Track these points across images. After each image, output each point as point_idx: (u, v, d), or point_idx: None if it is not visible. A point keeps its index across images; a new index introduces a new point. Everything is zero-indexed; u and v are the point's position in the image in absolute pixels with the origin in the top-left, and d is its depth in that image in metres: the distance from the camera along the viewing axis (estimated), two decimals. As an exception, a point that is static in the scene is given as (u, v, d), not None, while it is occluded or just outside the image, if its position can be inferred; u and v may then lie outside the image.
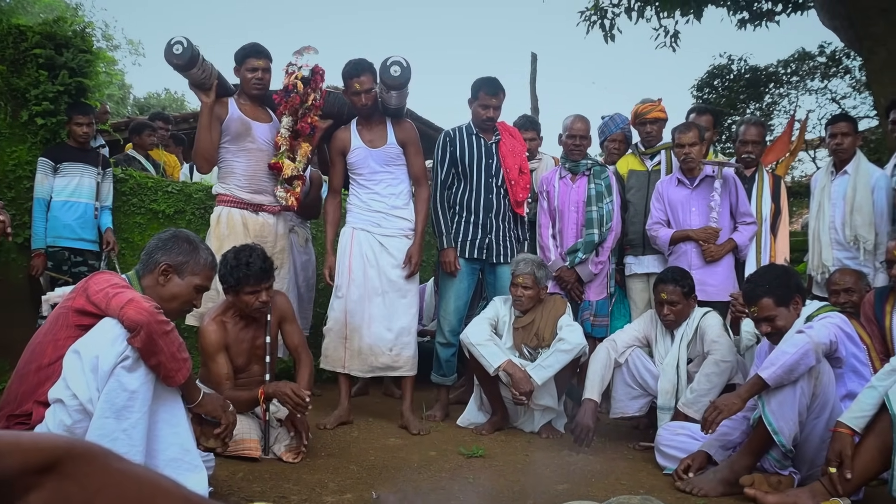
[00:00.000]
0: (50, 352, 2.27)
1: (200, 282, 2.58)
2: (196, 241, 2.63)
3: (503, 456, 3.56)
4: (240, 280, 3.27)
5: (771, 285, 3.16)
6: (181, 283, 2.54)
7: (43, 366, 2.26)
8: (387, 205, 4.19)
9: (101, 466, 0.91)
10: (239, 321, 3.43)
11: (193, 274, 2.56)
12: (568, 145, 4.69)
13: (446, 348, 4.41)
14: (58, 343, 2.26)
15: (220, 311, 3.42)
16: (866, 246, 4.31)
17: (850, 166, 4.47)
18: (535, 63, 12.29)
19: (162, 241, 2.57)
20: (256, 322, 3.47)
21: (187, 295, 2.56)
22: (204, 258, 2.60)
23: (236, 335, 3.41)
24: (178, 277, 2.54)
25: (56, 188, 4.61)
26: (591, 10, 9.37)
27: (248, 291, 3.29)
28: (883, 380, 2.66)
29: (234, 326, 3.41)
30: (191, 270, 2.55)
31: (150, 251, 2.56)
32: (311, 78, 4.03)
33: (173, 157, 6.74)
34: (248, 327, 3.45)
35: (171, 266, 2.53)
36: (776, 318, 3.13)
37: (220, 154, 4.02)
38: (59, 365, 2.21)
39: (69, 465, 0.87)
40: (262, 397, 3.22)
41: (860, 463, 2.62)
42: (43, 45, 4.73)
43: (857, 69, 13.12)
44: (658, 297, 3.91)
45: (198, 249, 2.59)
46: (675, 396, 3.77)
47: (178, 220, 5.15)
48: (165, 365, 2.24)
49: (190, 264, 2.55)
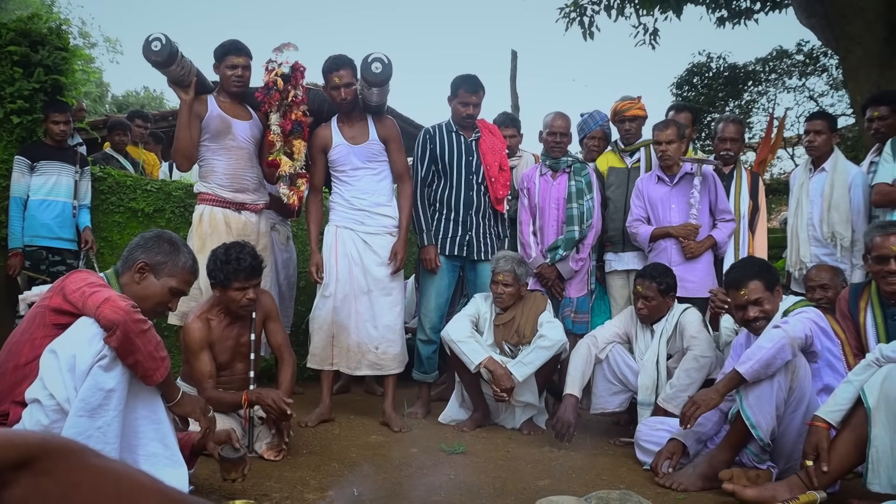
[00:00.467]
0: (27, 351, 2.25)
1: (176, 284, 2.56)
2: (179, 243, 2.61)
3: (484, 452, 3.57)
4: (229, 276, 3.28)
5: (759, 270, 3.25)
6: (156, 283, 2.52)
7: (20, 365, 2.24)
8: (370, 202, 4.18)
9: (77, 462, 0.91)
10: (224, 319, 3.42)
11: (170, 276, 2.54)
12: (549, 142, 4.71)
13: (427, 345, 4.42)
14: (35, 342, 2.24)
15: (205, 309, 3.42)
16: (843, 243, 4.36)
17: (828, 163, 4.52)
18: (516, 60, 12.33)
19: (144, 240, 2.55)
20: (241, 320, 3.47)
21: (161, 296, 2.54)
22: (183, 261, 2.57)
23: (221, 332, 3.41)
24: (153, 277, 2.52)
25: (33, 187, 4.56)
26: (570, 6, 9.39)
27: (236, 287, 3.31)
28: (858, 374, 2.70)
29: (219, 324, 3.41)
30: (168, 272, 2.54)
31: (131, 249, 2.55)
32: (291, 75, 4.02)
33: (152, 155, 6.69)
34: (232, 325, 3.45)
35: (147, 265, 2.51)
36: (764, 301, 3.18)
37: (200, 152, 4.00)
38: (36, 364, 2.19)
39: (44, 461, 0.86)
40: (245, 403, 3.22)
41: (836, 456, 2.65)
42: (17, 42, 4.67)
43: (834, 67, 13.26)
44: (634, 290, 3.96)
45: (178, 252, 2.57)
46: (655, 392, 3.80)
47: (157, 218, 5.11)
48: (143, 364, 2.22)
49: (168, 266, 2.54)
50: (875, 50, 6.26)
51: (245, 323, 3.48)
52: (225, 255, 3.29)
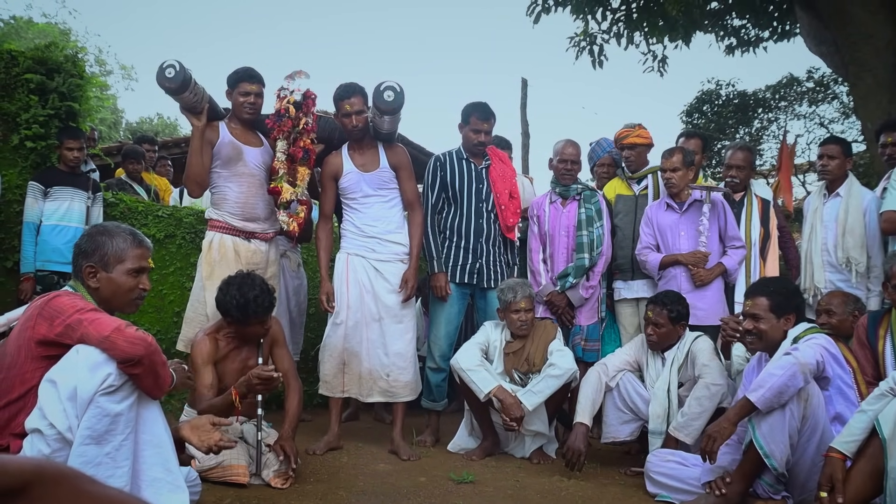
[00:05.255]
0: (18, 386, 2.21)
1: (131, 265, 2.44)
2: (110, 228, 2.49)
3: (493, 482, 3.53)
4: (248, 317, 3.32)
5: (775, 290, 3.24)
6: (111, 276, 2.42)
7: (12, 401, 2.20)
8: (381, 229, 4.19)
9: (72, 489, 0.90)
10: (231, 341, 3.45)
11: (119, 261, 2.43)
12: (559, 170, 4.71)
13: (437, 373, 4.39)
14: (25, 377, 2.20)
15: (214, 329, 3.46)
16: (858, 268, 4.32)
17: (843, 189, 4.50)
18: (526, 88, 12.41)
19: (77, 246, 2.46)
20: (249, 344, 3.49)
21: (126, 284, 2.44)
22: (122, 242, 2.44)
23: (228, 354, 3.44)
24: (105, 272, 2.42)
25: (46, 212, 4.60)
26: (580, 35, 9.44)
27: (255, 323, 3.37)
28: (872, 404, 2.67)
29: (227, 346, 3.45)
30: (115, 260, 2.43)
31: (73, 259, 2.46)
32: (302, 102, 4.05)
33: (164, 180, 6.75)
34: (239, 348, 3.47)
35: (92, 266, 2.41)
36: (762, 320, 3.17)
37: (212, 178, 4.01)
38: (30, 397, 2.16)
39: (39, 488, 0.85)
40: (235, 397, 3.15)
41: (852, 488, 2.61)
42: (34, 69, 4.76)
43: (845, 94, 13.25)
44: (645, 316, 3.95)
45: (113, 235, 2.45)
46: (666, 421, 3.76)
47: (168, 244, 5.14)
48: (161, 375, 2.26)
49: (110, 255, 2.42)
50: (885, 77, 6.25)
51: (252, 347, 3.49)
52: (241, 297, 3.31)
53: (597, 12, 8.73)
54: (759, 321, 3.18)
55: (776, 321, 3.17)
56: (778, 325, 3.18)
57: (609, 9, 8.73)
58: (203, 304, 3.89)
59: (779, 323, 3.18)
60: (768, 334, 3.17)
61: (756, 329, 3.18)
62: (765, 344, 3.20)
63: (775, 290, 3.23)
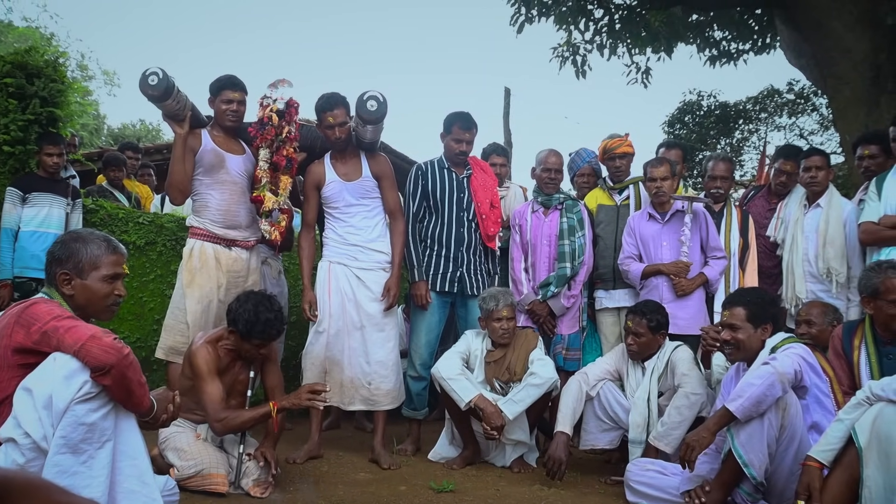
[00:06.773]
0: None
1: (106, 271, 2.41)
2: (84, 235, 2.46)
3: (474, 490, 3.53)
4: (252, 335, 3.32)
5: (751, 300, 3.28)
6: (86, 283, 2.39)
7: None
8: (363, 238, 4.19)
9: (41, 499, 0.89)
10: (227, 353, 3.44)
11: (94, 268, 2.39)
12: (542, 178, 4.73)
13: (417, 382, 4.39)
14: (1, 386, 2.17)
15: (212, 339, 3.43)
16: (839, 279, 4.36)
17: (823, 199, 4.54)
18: (509, 97, 12.44)
19: (50, 253, 2.43)
20: (242, 359, 3.48)
21: (101, 290, 2.40)
22: (96, 249, 2.41)
23: (224, 367, 3.43)
24: (79, 279, 2.38)
25: (24, 218, 4.57)
26: (563, 46, 9.51)
27: (255, 344, 3.35)
28: (849, 413, 2.69)
29: (224, 357, 3.43)
30: (89, 265, 2.39)
31: (46, 266, 2.42)
32: (285, 111, 4.04)
33: (146, 187, 6.70)
34: (234, 360, 3.46)
35: (66, 273, 2.38)
36: (739, 330, 3.22)
37: (193, 186, 4.00)
38: (6, 406, 2.13)
39: (7, 499, 0.85)
40: (275, 409, 3.26)
41: (829, 496, 2.63)
42: (13, 74, 4.72)
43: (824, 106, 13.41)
44: (625, 325, 3.98)
45: (87, 242, 2.42)
46: (646, 430, 3.77)
47: (148, 251, 5.10)
48: (135, 393, 2.19)
49: (84, 261, 2.39)
50: (862, 90, 6.34)
51: (244, 363, 3.49)
52: (255, 314, 3.30)
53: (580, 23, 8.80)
54: (737, 331, 3.22)
55: (753, 331, 3.21)
56: (755, 334, 3.21)
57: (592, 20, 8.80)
58: (183, 312, 3.86)
59: (756, 333, 3.21)
60: (746, 344, 3.21)
61: (734, 339, 3.22)
62: (743, 354, 3.23)
63: (752, 300, 3.27)
